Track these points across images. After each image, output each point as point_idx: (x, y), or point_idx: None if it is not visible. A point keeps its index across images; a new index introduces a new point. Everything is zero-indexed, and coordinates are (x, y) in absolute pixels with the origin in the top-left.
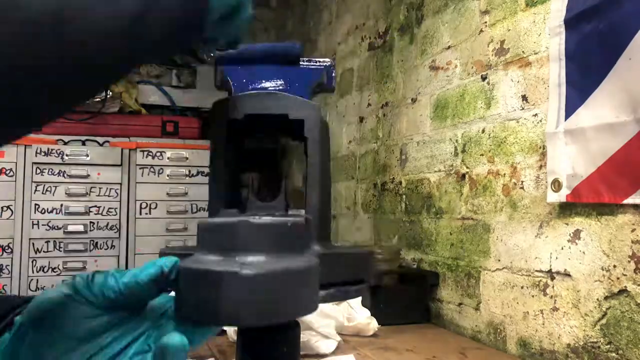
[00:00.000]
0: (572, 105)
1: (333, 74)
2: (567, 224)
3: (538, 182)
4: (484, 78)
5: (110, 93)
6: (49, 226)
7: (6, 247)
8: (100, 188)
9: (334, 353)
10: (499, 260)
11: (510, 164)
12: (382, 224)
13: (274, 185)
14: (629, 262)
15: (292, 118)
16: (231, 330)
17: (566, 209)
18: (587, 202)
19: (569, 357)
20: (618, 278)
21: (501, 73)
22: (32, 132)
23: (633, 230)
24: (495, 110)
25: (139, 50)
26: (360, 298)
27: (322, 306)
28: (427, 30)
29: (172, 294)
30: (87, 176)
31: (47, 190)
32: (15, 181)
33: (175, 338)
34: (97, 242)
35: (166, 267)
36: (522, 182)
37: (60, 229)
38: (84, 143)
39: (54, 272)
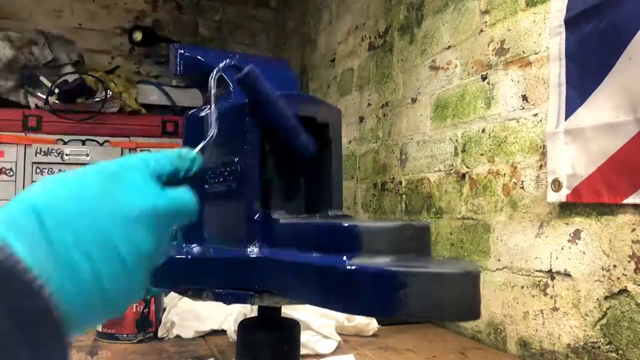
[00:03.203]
0: (572, 105)
1: None
2: (567, 224)
3: (538, 182)
4: (484, 78)
5: (110, 93)
6: None
7: None
8: None
9: (334, 353)
10: (499, 260)
11: (510, 163)
12: None
13: (293, 185)
14: (629, 262)
15: (319, 122)
16: (231, 330)
17: (566, 209)
18: (587, 202)
19: (569, 357)
20: (618, 278)
21: (501, 73)
22: None
23: (633, 230)
24: (495, 110)
25: None
26: None
27: None
28: (427, 30)
29: None
30: None
31: None
32: (15, 181)
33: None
34: None
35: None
36: (522, 182)
37: None
38: (84, 143)
39: None
